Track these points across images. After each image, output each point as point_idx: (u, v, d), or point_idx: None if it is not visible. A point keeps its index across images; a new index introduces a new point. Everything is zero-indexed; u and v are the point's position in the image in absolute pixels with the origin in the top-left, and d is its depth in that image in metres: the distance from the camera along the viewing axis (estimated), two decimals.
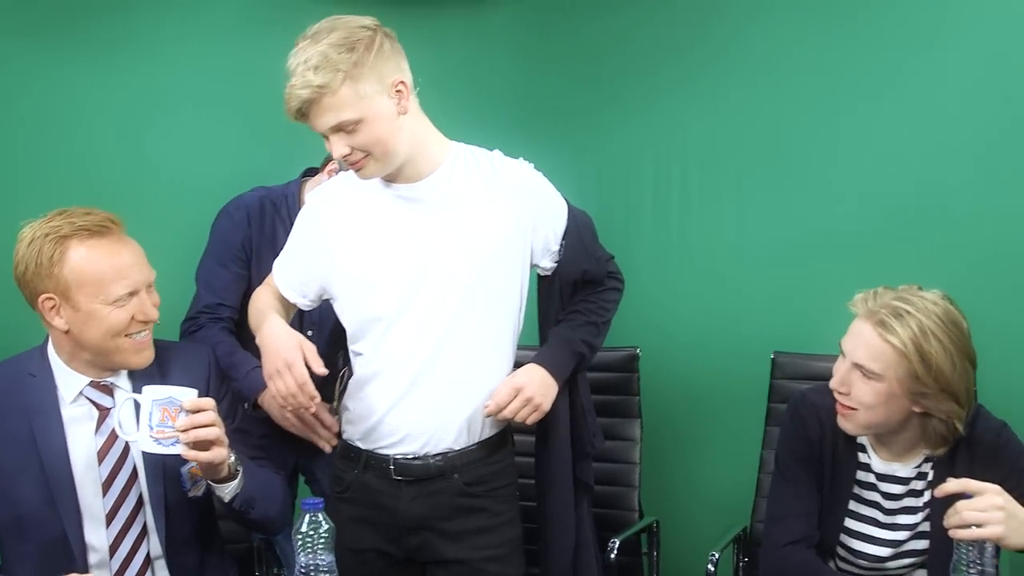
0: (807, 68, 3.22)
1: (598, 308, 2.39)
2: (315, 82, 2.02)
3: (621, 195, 3.43)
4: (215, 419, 2.03)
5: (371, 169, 2.15)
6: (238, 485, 2.13)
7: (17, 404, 2.14)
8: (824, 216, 3.22)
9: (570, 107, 3.47)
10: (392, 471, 2.23)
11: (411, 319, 2.19)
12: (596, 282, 2.40)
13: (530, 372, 2.27)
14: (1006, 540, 1.84)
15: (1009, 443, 2.14)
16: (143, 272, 2.13)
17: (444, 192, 2.20)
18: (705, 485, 3.31)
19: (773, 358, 2.93)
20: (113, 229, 2.11)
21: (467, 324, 2.20)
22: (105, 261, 2.08)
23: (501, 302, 2.24)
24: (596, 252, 2.39)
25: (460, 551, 2.25)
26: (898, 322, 2.04)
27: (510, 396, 2.22)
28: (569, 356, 2.33)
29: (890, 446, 2.17)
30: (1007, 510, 1.84)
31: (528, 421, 2.26)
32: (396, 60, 2.13)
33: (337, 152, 2.11)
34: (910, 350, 2.02)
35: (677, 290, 3.35)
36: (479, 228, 2.20)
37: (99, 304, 2.08)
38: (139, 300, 2.11)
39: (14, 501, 2.13)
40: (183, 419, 2.01)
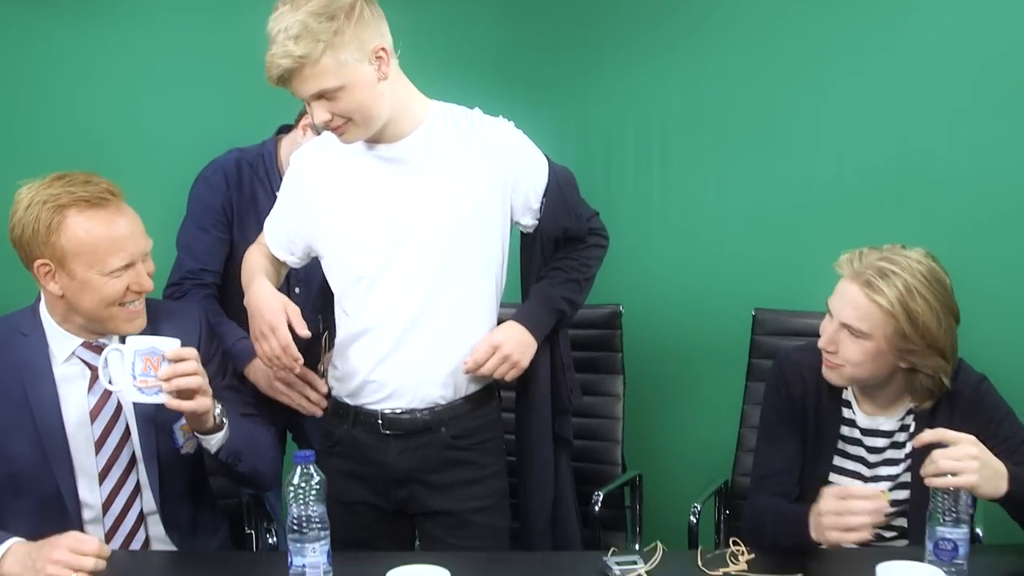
0: (789, 31, 3.24)
1: (580, 265, 2.41)
2: (296, 52, 2.03)
3: (602, 155, 3.43)
4: (197, 368, 2.06)
5: (352, 134, 2.17)
6: (224, 437, 2.15)
7: (9, 363, 2.16)
8: (804, 175, 3.26)
9: (553, 69, 3.46)
10: (380, 426, 2.27)
11: (393, 277, 2.22)
12: (578, 239, 2.41)
13: (508, 329, 2.30)
14: (980, 489, 1.90)
15: (987, 395, 2.19)
16: (139, 243, 2.14)
17: (424, 151, 2.22)
18: (687, 439, 3.35)
19: (754, 314, 2.97)
20: (112, 200, 2.11)
21: (449, 281, 2.23)
22: (102, 233, 2.08)
23: (482, 259, 2.27)
24: (578, 209, 2.40)
25: (447, 502, 2.29)
26: (884, 282, 2.07)
27: (488, 353, 2.25)
28: (548, 313, 2.36)
29: (875, 399, 2.21)
30: (981, 459, 1.89)
31: (507, 378, 2.30)
32: (376, 26, 2.13)
33: (318, 119, 2.12)
34: (897, 309, 2.06)
35: (659, 248, 3.37)
36: (458, 186, 2.22)
37: (95, 274, 2.09)
38: (135, 271, 2.13)
39: (8, 458, 2.15)
40: (165, 368, 2.03)
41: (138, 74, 3.44)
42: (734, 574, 1.97)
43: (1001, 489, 1.93)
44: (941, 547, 1.87)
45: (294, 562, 1.87)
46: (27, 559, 1.94)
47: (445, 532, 2.30)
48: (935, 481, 1.89)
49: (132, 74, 3.44)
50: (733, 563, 1.98)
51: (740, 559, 1.99)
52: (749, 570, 1.97)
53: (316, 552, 1.86)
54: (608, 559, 1.99)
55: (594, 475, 2.99)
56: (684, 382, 3.38)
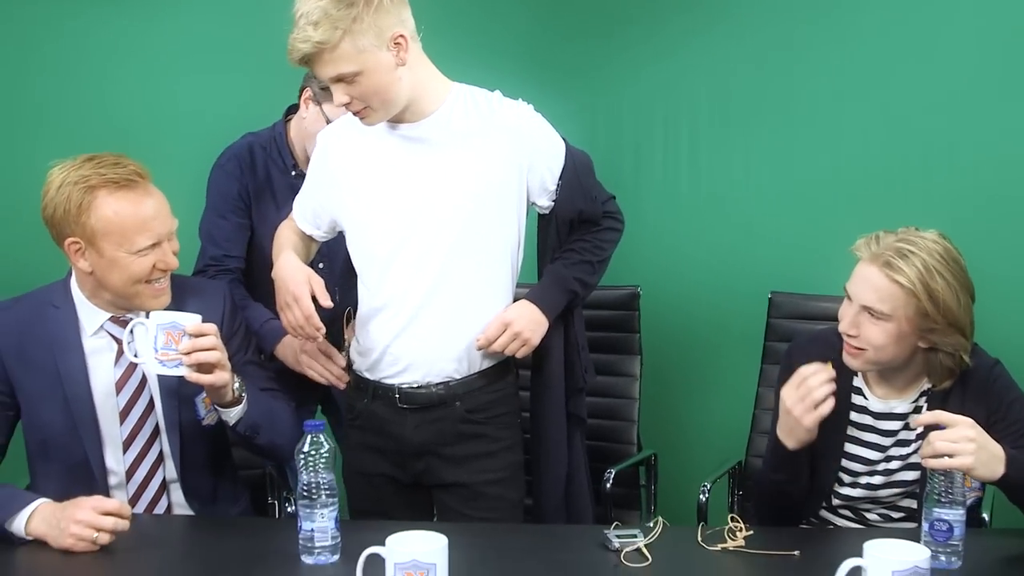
0: (813, 18, 3.26)
1: (593, 247, 2.45)
2: (315, 38, 2.09)
3: (631, 140, 3.47)
4: (216, 343, 2.13)
5: (372, 117, 2.23)
6: (242, 410, 2.23)
7: (41, 335, 2.25)
8: (826, 161, 3.28)
9: (582, 56, 3.49)
10: (397, 400, 2.33)
11: (410, 254, 2.28)
12: (593, 221, 2.45)
13: (520, 308, 2.34)
14: (975, 471, 1.92)
15: (1000, 378, 2.21)
16: (165, 223, 2.21)
17: (443, 131, 2.27)
18: (703, 421, 3.38)
19: (770, 297, 2.99)
20: (139, 182, 2.19)
21: (464, 259, 2.28)
22: (130, 214, 2.16)
23: (497, 237, 2.32)
24: (593, 192, 2.44)
25: (462, 475, 2.35)
26: (904, 262, 2.09)
27: (499, 330, 2.30)
28: (561, 293, 2.40)
29: (892, 381, 2.23)
30: (978, 442, 1.92)
31: (518, 355, 2.35)
32: (396, 13, 2.17)
33: (338, 100, 2.19)
34: (918, 288, 2.08)
35: (683, 230, 3.41)
36: (476, 165, 2.27)
37: (123, 253, 2.17)
38: (160, 250, 2.20)
39: (39, 426, 2.25)
40: (186, 342, 2.11)
41: (165, 57, 3.51)
42: (732, 549, 2.00)
43: (997, 472, 1.95)
44: (936, 528, 1.90)
45: (303, 526, 1.94)
46: (52, 518, 2.03)
47: (460, 503, 2.36)
48: (931, 462, 1.91)
49: (159, 57, 3.51)
50: (731, 539, 2.02)
51: (738, 535, 2.02)
52: (746, 546, 2.00)
53: (325, 517, 1.94)
54: (609, 532, 2.04)
55: (610, 454, 3.03)
56: (701, 364, 3.41)
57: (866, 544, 1.74)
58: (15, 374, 2.24)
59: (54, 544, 2.01)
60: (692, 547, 2.03)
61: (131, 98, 3.52)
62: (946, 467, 1.90)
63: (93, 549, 1.99)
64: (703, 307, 3.37)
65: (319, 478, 1.94)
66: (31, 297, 2.31)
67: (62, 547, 2.00)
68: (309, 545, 1.94)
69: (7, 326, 2.26)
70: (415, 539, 1.77)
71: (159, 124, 3.50)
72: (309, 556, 1.95)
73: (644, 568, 1.94)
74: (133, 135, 3.39)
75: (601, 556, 2.00)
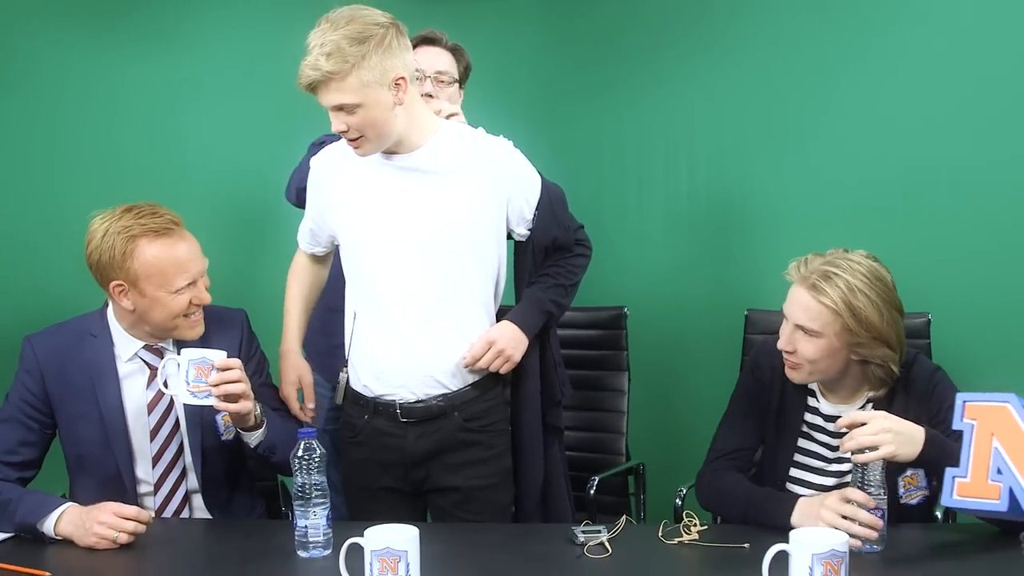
0: (803, 43, 3.46)
1: (566, 272, 2.66)
2: (324, 68, 2.30)
3: (633, 164, 3.70)
4: (241, 376, 2.37)
5: (366, 147, 2.43)
6: (262, 434, 2.47)
7: (80, 360, 2.50)
8: (814, 183, 3.47)
9: (587, 85, 3.70)
10: (399, 414, 2.51)
11: (401, 276, 2.46)
12: (565, 248, 2.66)
13: (502, 328, 2.54)
14: (898, 454, 2.12)
15: (939, 384, 2.37)
16: (198, 264, 2.47)
17: (432, 163, 2.47)
18: (686, 431, 3.54)
19: (746, 314, 3.17)
20: (175, 229, 2.45)
21: (450, 280, 2.47)
22: (168, 258, 2.42)
23: (480, 261, 2.50)
24: (566, 221, 2.65)
25: (456, 479, 2.51)
26: (828, 284, 2.28)
27: (484, 348, 2.49)
28: (538, 314, 2.60)
29: (837, 391, 2.41)
30: (894, 430, 2.11)
31: (501, 371, 2.53)
32: (401, 56, 2.38)
33: (335, 127, 2.39)
34: (841, 307, 2.27)
35: (678, 251, 3.61)
36: (461, 195, 2.46)
37: (163, 293, 2.43)
38: (195, 287, 2.47)
39: (77, 442, 2.51)
40: (215, 376, 2.35)
41: (194, 96, 3.72)
42: (687, 543, 2.19)
43: (917, 450, 2.13)
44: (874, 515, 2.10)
45: (298, 524, 2.17)
46: (78, 520, 2.29)
47: (453, 507, 2.52)
48: (859, 457, 2.11)
49: (188, 96, 3.72)
50: (686, 533, 2.21)
51: (692, 530, 2.21)
52: (700, 540, 2.20)
53: (317, 515, 2.16)
54: (576, 528, 2.24)
55: (600, 464, 3.23)
56: (685, 379, 3.59)
57: (792, 532, 1.94)
58: (55, 395, 2.49)
59: (79, 542, 2.27)
60: (651, 541, 2.22)
61: (152, 142, 3.71)
62: (872, 459, 2.10)
63: (113, 547, 2.25)
64: (685, 325, 3.56)
65: (312, 480, 2.16)
66: (70, 325, 2.56)
67: (86, 545, 2.26)
68: (304, 540, 2.17)
69: (49, 352, 2.51)
70: (389, 530, 1.98)
71: (179, 168, 3.70)
72: (304, 551, 2.17)
73: (603, 559, 2.14)
74: (155, 179, 3.61)
75: (567, 549, 2.20)
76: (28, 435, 2.48)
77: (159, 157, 3.71)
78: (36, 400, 2.49)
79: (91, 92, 3.71)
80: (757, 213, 3.55)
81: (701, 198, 3.65)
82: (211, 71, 3.73)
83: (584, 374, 3.30)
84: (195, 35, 3.72)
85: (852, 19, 3.39)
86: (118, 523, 2.26)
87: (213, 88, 3.73)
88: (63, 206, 3.52)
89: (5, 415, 2.49)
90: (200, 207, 3.02)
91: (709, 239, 3.58)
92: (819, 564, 1.87)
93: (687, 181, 3.66)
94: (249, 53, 3.73)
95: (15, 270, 3.64)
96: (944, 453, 2.12)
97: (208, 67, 3.73)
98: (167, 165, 3.70)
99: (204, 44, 3.73)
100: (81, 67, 3.69)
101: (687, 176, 3.65)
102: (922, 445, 2.13)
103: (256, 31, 3.74)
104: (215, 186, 3.58)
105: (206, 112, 3.73)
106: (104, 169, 3.68)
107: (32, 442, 2.49)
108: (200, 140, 3.73)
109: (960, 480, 2.00)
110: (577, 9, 3.77)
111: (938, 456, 2.13)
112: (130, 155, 3.70)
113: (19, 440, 2.47)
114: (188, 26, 3.72)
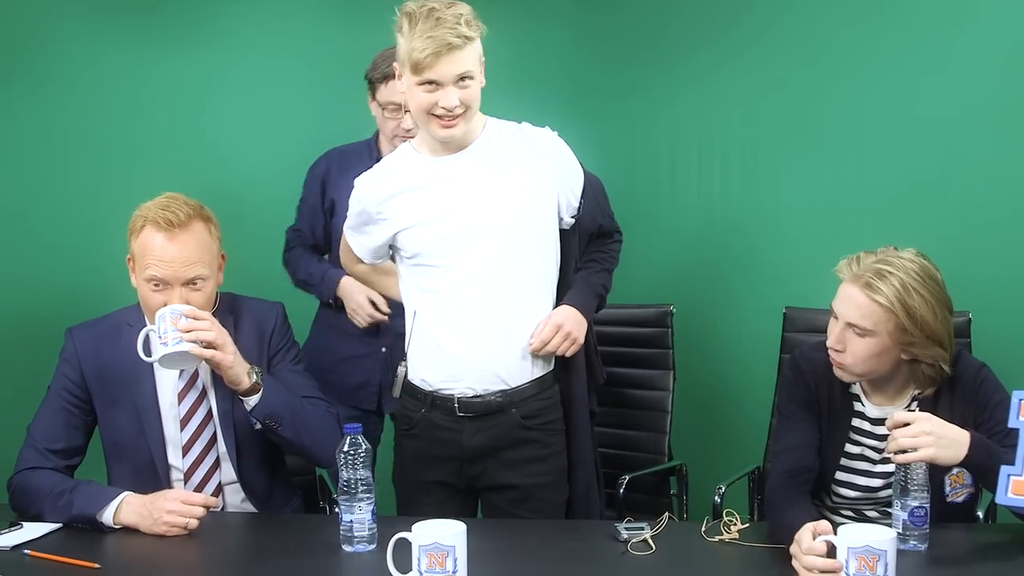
0: (836, 47, 3.48)
1: (609, 257, 2.74)
2: (466, 33, 2.35)
3: (667, 163, 3.72)
4: (213, 324, 2.40)
5: (460, 126, 2.43)
6: (259, 398, 2.46)
7: (116, 349, 2.54)
8: (847, 182, 3.47)
9: (620, 83, 3.72)
10: (456, 409, 2.51)
11: (464, 271, 2.47)
12: (607, 234, 2.74)
13: (566, 311, 2.55)
14: (939, 458, 2.10)
15: (985, 382, 2.35)
16: (178, 271, 2.42)
17: (484, 157, 2.49)
18: (728, 431, 3.57)
19: (785, 312, 3.16)
20: (172, 229, 2.42)
21: (514, 271, 2.48)
22: (150, 248, 2.43)
23: (541, 249, 2.54)
24: (607, 208, 2.73)
25: (514, 477, 2.53)
26: (882, 282, 2.25)
27: (552, 332, 2.51)
28: (592, 297, 2.64)
29: (883, 390, 2.39)
30: (936, 433, 2.10)
31: (568, 353, 2.55)
32: None
33: (451, 101, 2.37)
34: (896, 306, 2.24)
35: (714, 250, 3.62)
36: (518, 185, 2.48)
37: (142, 280, 2.46)
38: (169, 292, 2.43)
39: (113, 429, 2.55)
40: (184, 322, 2.37)
41: (228, 92, 3.79)
42: (728, 541, 2.20)
43: (960, 455, 2.11)
44: (916, 514, 2.10)
45: (343, 518, 2.19)
46: (143, 509, 2.34)
47: (510, 504, 2.54)
48: (898, 458, 2.10)
49: (221, 92, 3.79)
50: (726, 532, 2.22)
51: (732, 528, 2.22)
52: (741, 539, 2.20)
53: (362, 510, 2.18)
54: (619, 525, 2.25)
55: (644, 463, 3.23)
56: (723, 378, 3.60)
57: (840, 528, 1.95)
58: (92, 383, 2.54)
59: (147, 531, 2.32)
60: (694, 539, 2.23)
61: (183, 137, 3.79)
62: (911, 460, 2.09)
63: (183, 534, 2.30)
64: (721, 323, 3.57)
65: (357, 475, 2.18)
66: (111, 317, 2.61)
67: (155, 533, 2.31)
68: (349, 535, 2.19)
69: (88, 342, 2.56)
70: (437, 525, 2.00)
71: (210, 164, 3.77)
72: (349, 545, 2.19)
73: (647, 556, 2.15)
74: (186, 173, 3.57)
75: (610, 546, 2.21)
76: (71, 420, 2.53)
77: (187, 153, 3.77)
78: (75, 388, 2.54)
79: (119, 88, 3.78)
80: (791, 213, 3.56)
81: (735, 197, 3.65)
82: (240, 66, 3.78)
83: (628, 372, 3.31)
84: (223, 31, 3.78)
85: (888, 19, 3.40)
86: (189, 510, 2.31)
87: (242, 84, 3.78)
88: (93, 201, 3.57)
89: (47, 404, 2.55)
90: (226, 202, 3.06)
91: (743, 238, 3.60)
92: (854, 558, 1.89)
93: (720, 180, 3.67)
94: (277, 49, 3.77)
95: (54, 265, 3.70)
96: (990, 458, 2.11)
97: (237, 62, 3.78)
98: (195, 161, 3.76)
99: (233, 40, 3.78)
100: (109, 64, 3.76)
101: (720, 175, 3.67)
102: (967, 450, 2.12)
103: (285, 26, 3.79)
104: (241, 182, 3.62)
105: (234, 108, 3.79)
106: (133, 165, 3.75)
107: (75, 426, 2.54)
108: (228, 136, 3.79)
109: (1016, 478, 1.99)
110: (610, 7, 3.78)
111: (984, 461, 2.12)
112: (158, 151, 3.77)
113: (62, 426, 2.52)
114: (216, 23, 3.77)
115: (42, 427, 2.53)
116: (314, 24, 3.74)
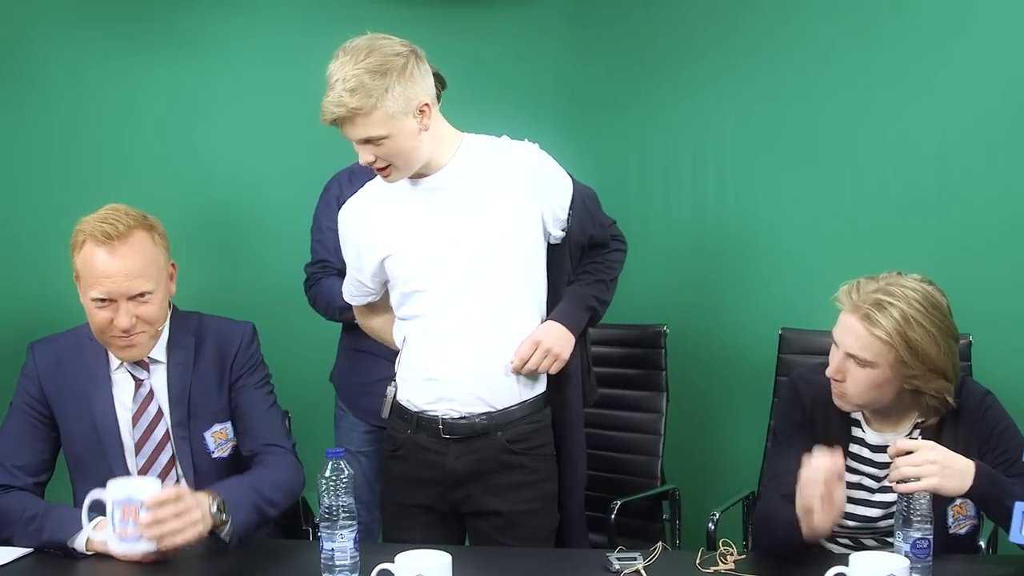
0: (833, 60, 3.42)
1: (605, 267, 2.65)
2: (349, 104, 2.26)
3: (660, 176, 3.67)
4: (179, 509, 2.15)
5: (394, 175, 2.41)
6: (230, 528, 2.27)
7: (77, 364, 2.48)
8: (843, 199, 3.42)
9: (613, 97, 3.66)
10: (441, 430, 2.46)
11: (443, 294, 2.43)
12: (602, 245, 2.65)
13: (547, 327, 2.49)
14: (943, 488, 2.03)
15: (990, 409, 2.28)
16: (122, 285, 2.33)
17: (460, 177, 2.43)
18: (722, 455, 3.50)
19: (780, 334, 3.11)
20: (111, 242, 2.31)
21: (496, 292, 2.43)
22: (92, 265, 2.33)
23: (526, 268, 2.47)
24: (600, 219, 2.64)
25: (499, 503, 2.47)
26: (881, 314, 2.16)
27: (531, 350, 2.44)
28: (582, 311, 2.57)
29: (885, 417, 2.32)
30: (940, 462, 2.03)
31: (550, 370, 2.48)
32: (423, 82, 2.35)
33: (363, 160, 2.36)
34: (896, 340, 2.15)
35: (707, 268, 3.56)
36: (496, 204, 2.43)
37: (88, 299, 2.38)
38: (115, 308, 2.35)
39: (74, 444, 2.48)
40: (144, 516, 2.16)
41: (211, 103, 3.71)
42: (724, 572, 2.12)
43: (965, 485, 2.05)
44: (918, 545, 2.02)
45: (324, 546, 2.10)
46: None
47: (495, 531, 2.47)
48: (901, 487, 2.03)
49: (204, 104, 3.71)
50: (722, 562, 2.14)
51: (728, 559, 2.14)
52: (736, 569, 2.13)
53: (344, 538, 2.08)
54: (611, 555, 2.17)
55: (636, 487, 3.16)
56: (716, 400, 3.53)
57: (852, 556, 1.91)
58: (52, 398, 2.47)
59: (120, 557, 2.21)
60: (688, 570, 2.15)
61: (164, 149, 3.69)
62: (914, 489, 2.01)
63: (158, 559, 2.20)
64: (715, 342, 3.50)
65: (339, 501, 2.09)
66: (74, 332, 2.53)
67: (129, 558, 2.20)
68: (330, 564, 2.09)
69: (49, 356, 2.50)
70: (421, 556, 1.93)
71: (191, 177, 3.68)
72: (330, 574, 2.09)
73: None
74: (167, 185, 3.59)
75: None
76: (36, 434, 2.47)
77: (175, 164, 3.70)
78: (36, 402, 2.48)
79: (105, 98, 3.71)
80: (787, 230, 3.50)
81: (730, 214, 3.60)
82: (228, 77, 3.72)
83: (621, 394, 3.25)
84: (212, 40, 3.72)
85: (885, 33, 3.35)
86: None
87: (230, 94, 3.72)
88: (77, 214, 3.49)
89: (10, 419, 2.49)
90: (213, 213, 3.00)
91: (738, 256, 3.54)
92: None
93: (715, 196, 3.61)
94: (266, 59, 3.71)
95: (22, 275, 3.65)
96: (997, 489, 2.05)
97: (225, 73, 3.72)
98: (182, 170, 3.69)
99: (221, 49, 3.72)
100: (97, 72, 3.69)
101: (715, 191, 3.61)
102: (972, 480, 2.05)
103: (273, 37, 3.73)
104: (230, 192, 3.56)
105: (222, 118, 3.72)
106: (119, 174, 3.68)
107: (40, 439, 2.47)
108: (216, 146, 3.72)
109: None
110: (602, 21, 3.73)
111: (990, 492, 2.06)
112: (145, 162, 3.70)
113: (28, 441, 2.46)
114: (205, 31, 3.71)
115: (5, 443, 2.46)
116: (304, 34, 3.68)
